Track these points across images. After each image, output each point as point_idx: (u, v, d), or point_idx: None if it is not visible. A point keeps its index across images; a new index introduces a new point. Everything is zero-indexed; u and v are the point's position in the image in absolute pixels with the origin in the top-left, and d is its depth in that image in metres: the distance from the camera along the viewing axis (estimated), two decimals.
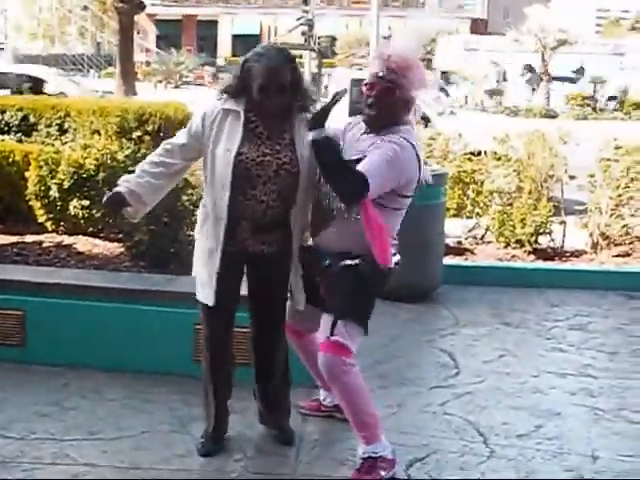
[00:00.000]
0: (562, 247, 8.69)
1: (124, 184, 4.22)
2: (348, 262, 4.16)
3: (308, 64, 29.03)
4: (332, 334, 4.15)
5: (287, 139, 4.15)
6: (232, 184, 4.06)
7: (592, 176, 8.99)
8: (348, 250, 4.16)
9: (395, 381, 5.57)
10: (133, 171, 6.25)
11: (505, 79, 32.05)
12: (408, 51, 4.17)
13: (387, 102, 4.13)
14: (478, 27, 53.61)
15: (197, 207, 4.56)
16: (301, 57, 34.91)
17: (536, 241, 8.54)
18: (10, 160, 7.73)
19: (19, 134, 8.89)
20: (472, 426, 4.88)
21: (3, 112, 8.99)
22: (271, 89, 4.01)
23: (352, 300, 4.21)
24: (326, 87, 18.51)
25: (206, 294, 4.23)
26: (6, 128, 8.96)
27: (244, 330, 4.58)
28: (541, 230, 8.53)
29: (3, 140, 8.52)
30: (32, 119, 8.96)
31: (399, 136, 4.08)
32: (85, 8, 54.44)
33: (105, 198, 4.24)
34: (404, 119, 4.19)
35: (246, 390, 4.61)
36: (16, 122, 8.97)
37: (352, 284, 4.18)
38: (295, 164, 4.12)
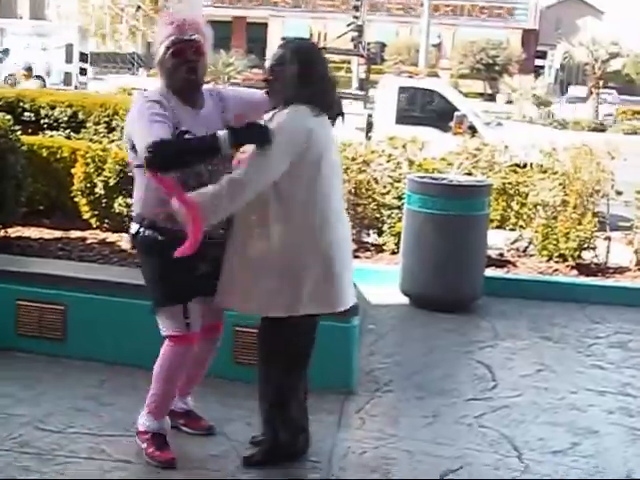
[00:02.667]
0: (606, 263, 8.60)
1: None
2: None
3: (356, 70, 29.00)
4: None
5: None
6: None
7: (639, 192, 8.90)
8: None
9: (432, 391, 5.55)
10: None
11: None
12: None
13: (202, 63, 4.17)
14: (529, 38, 53.21)
15: None
16: (349, 62, 34.88)
17: (579, 256, 8.47)
18: (58, 156, 7.84)
19: (68, 130, 8.99)
20: (507, 440, 4.85)
21: (53, 108, 9.10)
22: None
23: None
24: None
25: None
26: (55, 124, 9.06)
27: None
28: (585, 245, 8.45)
29: (52, 136, 8.64)
30: (81, 116, 9.05)
31: None
32: (138, 8, 54.86)
33: None
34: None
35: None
36: (65, 118, 9.07)
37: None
38: None
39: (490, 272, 7.95)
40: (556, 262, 8.48)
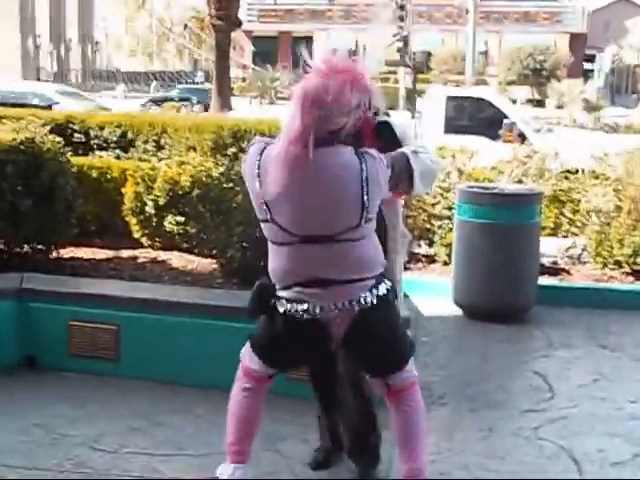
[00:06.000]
0: None
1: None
2: None
3: (402, 80, 28.98)
4: None
5: None
6: None
7: None
8: None
9: (486, 404, 5.47)
10: (226, 188, 6.33)
11: None
12: None
13: None
14: (577, 41, 52.72)
15: None
16: (396, 73, 34.86)
17: (635, 262, 8.31)
18: (108, 176, 7.90)
19: (117, 150, 9.06)
20: (566, 452, 4.75)
21: (102, 128, 9.17)
22: None
23: None
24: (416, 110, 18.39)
25: None
26: (105, 144, 9.14)
27: None
28: None
29: (101, 157, 8.71)
30: (130, 135, 9.11)
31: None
32: (185, 26, 55.48)
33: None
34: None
35: None
36: (114, 138, 9.14)
37: None
38: None
39: (544, 280, 7.83)
40: (611, 269, 8.33)
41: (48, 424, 4.91)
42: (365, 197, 3.52)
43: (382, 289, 3.72)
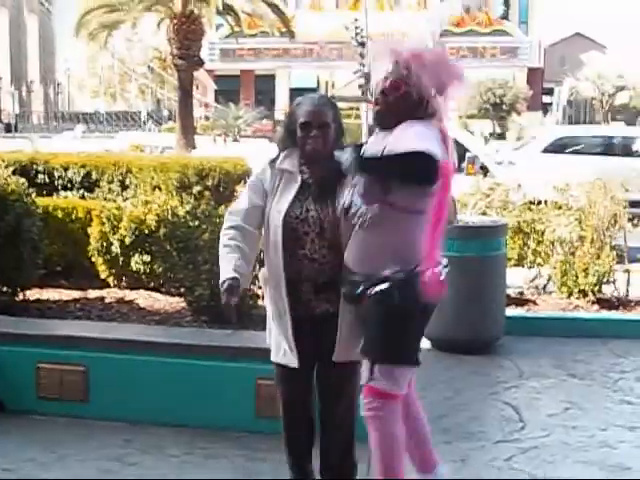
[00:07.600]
0: (627, 296, 8.51)
1: (233, 272, 3.90)
2: (376, 289, 3.77)
3: (365, 116, 29.16)
4: (371, 379, 3.86)
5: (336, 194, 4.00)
6: (283, 245, 3.94)
7: None
8: (373, 271, 3.80)
9: (459, 435, 5.48)
10: (192, 227, 6.33)
11: None
12: (417, 44, 4.03)
13: (395, 97, 3.92)
14: (535, 75, 53.42)
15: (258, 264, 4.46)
16: (358, 109, 35.07)
17: (599, 290, 8.40)
18: (73, 217, 7.86)
19: (82, 190, 9.01)
20: None
21: (66, 169, 9.12)
22: (312, 125, 3.94)
23: (386, 339, 3.83)
24: None
25: (288, 357, 4.05)
26: (69, 185, 9.09)
27: None
28: (604, 279, 8.38)
29: (66, 197, 8.67)
30: (94, 175, 9.06)
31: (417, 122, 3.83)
32: (149, 69, 55.53)
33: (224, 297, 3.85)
34: (424, 116, 3.91)
35: None
36: (79, 179, 9.08)
37: (383, 317, 3.79)
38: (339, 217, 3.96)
39: (511, 311, 7.88)
40: (576, 298, 8.41)
41: (18, 469, 4.85)
42: None
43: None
